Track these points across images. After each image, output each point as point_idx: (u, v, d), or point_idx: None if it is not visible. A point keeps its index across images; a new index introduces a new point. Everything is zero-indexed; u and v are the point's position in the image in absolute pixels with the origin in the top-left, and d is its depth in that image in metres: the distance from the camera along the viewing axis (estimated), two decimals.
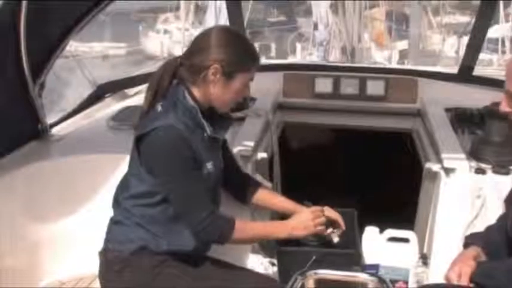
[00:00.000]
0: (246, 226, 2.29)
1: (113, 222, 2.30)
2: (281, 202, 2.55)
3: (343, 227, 2.46)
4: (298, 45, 17.15)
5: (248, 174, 2.64)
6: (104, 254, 2.29)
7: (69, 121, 3.43)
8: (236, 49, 2.17)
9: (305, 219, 2.35)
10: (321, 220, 2.37)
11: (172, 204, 2.18)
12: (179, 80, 2.22)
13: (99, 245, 2.32)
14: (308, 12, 17.67)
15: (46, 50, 3.14)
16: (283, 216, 2.53)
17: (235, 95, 2.23)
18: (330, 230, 2.40)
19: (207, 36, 2.21)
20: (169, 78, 2.22)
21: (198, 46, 2.20)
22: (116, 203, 2.30)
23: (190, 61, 2.19)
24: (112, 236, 2.29)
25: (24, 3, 2.66)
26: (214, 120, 2.26)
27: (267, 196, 2.56)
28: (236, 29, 2.51)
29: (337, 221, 2.45)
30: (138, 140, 2.18)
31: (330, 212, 2.46)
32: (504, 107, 2.18)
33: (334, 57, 13.39)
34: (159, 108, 2.17)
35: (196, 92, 2.20)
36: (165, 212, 2.20)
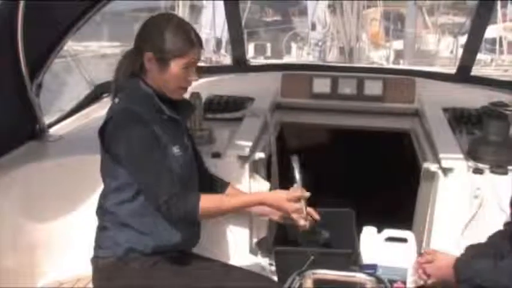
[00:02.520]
0: (213, 199, 2.27)
1: (99, 228, 2.31)
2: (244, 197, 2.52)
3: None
4: (294, 45, 17.13)
5: (214, 176, 2.61)
6: (94, 261, 2.30)
7: (67, 121, 3.42)
8: (167, 36, 2.18)
9: (279, 199, 2.32)
10: (296, 206, 2.33)
11: (137, 184, 2.18)
12: (132, 71, 2.25)
13: None
14: (303, 13, 17.67)
15: (43, 49, 3.14)
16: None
17: (176, 80, 2.22)
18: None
19: (144, 25, 2.25)
20: (124, 72, 2.26)
21: (137, 36, 2.25)
22: (99, 209, 2.32)
23: (134, 52, 2.25)
24: (99, 243, 2.30)
25: (21, 3, 2.65)
26: (174, 106, 2.28)
27: (235, 195, 2.54)
28: (175, 15, 2.52)
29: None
30: (100, 134, 2.21)
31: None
32: None
33: (332, 57, 13.41)
34: (116, 100, 2.23)
35: (146, 79, 2.24)
36: (147, 206, 2.20)
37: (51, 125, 3.26)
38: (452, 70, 4.14)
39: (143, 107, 2.17)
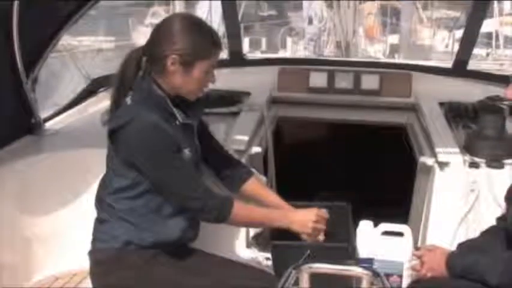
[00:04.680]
0: (245, 208, 2.28)
1: (97, 221, 2.30)
2: (269, 196, 2.54)
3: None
4: (289, 40, 17.12)
5: (238, 160, 2.62)
6: (92, 253, 2.29)
7: (62, 116, 3.41)
8: (192, 38, 2.16)
9: (307, 219, 2.33)
10: (321, 227, 2.36)
11: (162, 191, 2.17)
12: (144, 71, 2.22)
13: None
14: (298, 7, 17.64)
15: (39, 44, 3.13)
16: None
17: (198, 83, 2.22)
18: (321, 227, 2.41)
19: (164, 25, 2.21)
20: (133, 70, 2.22)
21: (156, 36, 2.20)
22: (99, 201, 2.30)
23: (150, 52, 2.20)
24: (98, 235, 2.29)
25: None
26: (186, 107, 2.26)
27: (256, 187, 2.54)
28: (195, 15, 2.49)
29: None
30: (111, 135, 2.18)
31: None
32: (510, 94, 2.19)
33: (329, 51, 13.39)
34: (128, 101, 2.18)
35: (161, 81, 2.19)
36: (149, 204, 2.20)
37: (47, 120, 3.24)
38: (448, 64, 4.15)
39: (157, 113, 2.14)
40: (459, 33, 8.11)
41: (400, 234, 2.61)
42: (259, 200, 2.54)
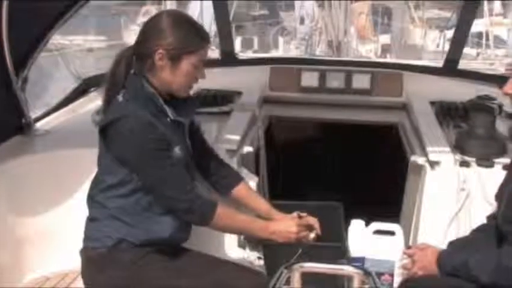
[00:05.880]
0: (228, 214, 2.26)
1: (89, 219, 2.30)
2: (259, 203, 2.51)
3: (319, 232, 2.43)
4: (281, 39, 17.14)
5: (228, 165, 2.61)
6: (83, 252, 2.29)
7: (53, 115, 3.39)
8: (178, 32, 2.17)
9: (288, 230, 2.31)
10: (304, 235, 2.34)
11: (150, 190, 2.17)
12: (135, 69, 2.22)
13: None
14: (290, 7, 17.66)
15: (29, 43, 3.11)
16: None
17: (187, 78, 2.22)
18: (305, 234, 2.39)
19: (151, 22, 2.23)
20: (125, 69, 2.22)
21: (143, 34, 2.22)
22: (90, 199, 2.29)
23: (139, 50, 2.21)
24: (89, 234, 2.28)
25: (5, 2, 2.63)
26: (178, 105, 2.26)
27: (246, 193, 2.53)
28: (181, 11, 2.50)
29: (314, 226, 2.43)
30: (103, 132, 2.18)
31: (309, 219, 2.44)
32: (508, 89, 2.18)
33: (321, 51, 13.43)
34: (120, 98, 2.19)
35: (152, 78, 2.20)
36: (139, 202, 2.20)
37: (37, 120, 3.23)
38: (439, 64, 4.17)
39: (147, 109, 2.14)
40: (450, 33, 8.15)
41: (391, 233, 2.63)
42: (248, 205, 2.53)
